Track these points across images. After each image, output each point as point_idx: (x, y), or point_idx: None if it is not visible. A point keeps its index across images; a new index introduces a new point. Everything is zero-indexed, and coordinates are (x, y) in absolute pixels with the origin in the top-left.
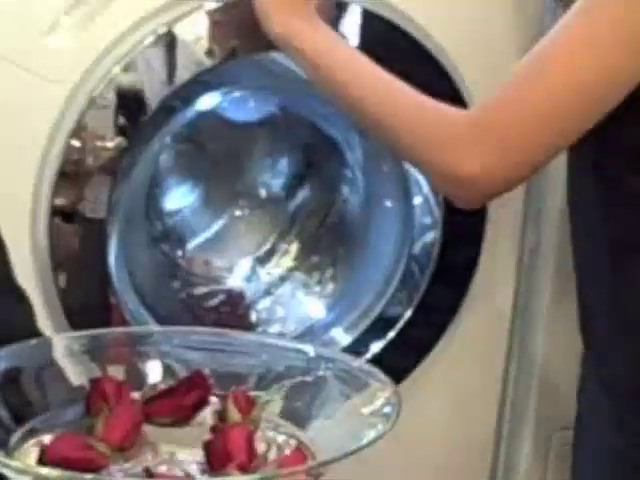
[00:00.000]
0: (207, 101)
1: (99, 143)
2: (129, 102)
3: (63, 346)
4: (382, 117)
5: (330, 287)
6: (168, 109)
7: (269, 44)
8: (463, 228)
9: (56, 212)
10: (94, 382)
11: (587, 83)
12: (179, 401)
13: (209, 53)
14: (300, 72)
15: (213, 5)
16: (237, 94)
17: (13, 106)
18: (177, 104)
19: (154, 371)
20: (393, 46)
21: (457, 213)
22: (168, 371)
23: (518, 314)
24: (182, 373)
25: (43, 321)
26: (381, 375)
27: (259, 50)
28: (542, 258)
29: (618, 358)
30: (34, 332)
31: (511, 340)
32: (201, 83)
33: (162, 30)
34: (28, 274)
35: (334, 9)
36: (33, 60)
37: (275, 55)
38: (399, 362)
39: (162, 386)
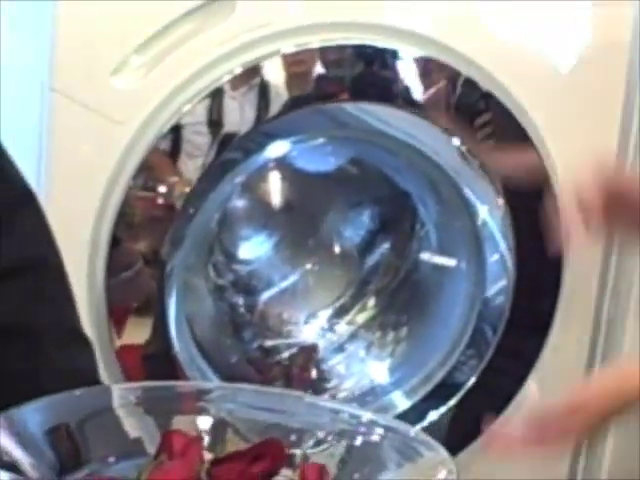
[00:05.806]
0: (277, 149)
1: (164, 185)
2: (199, 145)
3: (118, 396)
4: None
5: (402, 346)
6: (239, 153)
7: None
8: (537, 291)
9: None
10: (164, 435)
11: None
12: (247, 467)
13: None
14: (372, 122)
15: (291, 49)
16: (308, 144)
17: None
18: (246, 149)
19: (210, 428)
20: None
21: (532, 273)
22: (224, 428)
23: None
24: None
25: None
26: (440, 448)
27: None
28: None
29: None
30: (96, 380)
31: None
32: (269, 130)
33: (238, 71)
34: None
35: None
36: (99, 100)
37: (346, 106)
38: (459, 431)
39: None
